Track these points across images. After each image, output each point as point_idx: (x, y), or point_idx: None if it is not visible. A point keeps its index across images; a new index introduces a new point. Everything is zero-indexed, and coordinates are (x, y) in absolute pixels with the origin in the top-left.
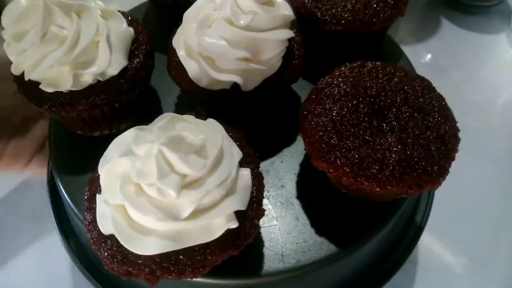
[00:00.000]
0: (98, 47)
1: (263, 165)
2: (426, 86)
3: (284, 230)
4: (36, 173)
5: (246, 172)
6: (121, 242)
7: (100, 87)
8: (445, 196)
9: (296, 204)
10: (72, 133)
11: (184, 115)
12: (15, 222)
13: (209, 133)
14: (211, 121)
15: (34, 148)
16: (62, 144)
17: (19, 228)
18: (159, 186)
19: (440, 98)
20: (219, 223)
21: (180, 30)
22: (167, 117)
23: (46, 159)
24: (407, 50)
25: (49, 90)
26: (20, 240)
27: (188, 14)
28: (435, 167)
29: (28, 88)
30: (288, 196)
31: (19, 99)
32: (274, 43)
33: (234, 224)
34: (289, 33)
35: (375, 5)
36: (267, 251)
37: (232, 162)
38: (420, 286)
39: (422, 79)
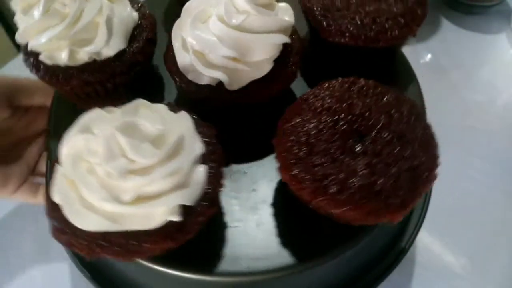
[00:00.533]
0: (98, 27)
1: (242, 167)
2: (414, 113)
3: (246, 234)
4: (26, 199)
5: (201, 169)
6: (65, 214)
7: (95, 66)
8: (445, 196)
9: (264, 210)
10: (72, 107)
11: (157, 104)
12: (16, 222)
13: (172, 125)
14: (181, 114)
15: (25, 173)
16: (62, 117)
17: (19, 228)
18: (105, 167)
19: (427, 128)
20: (160, 213)
21: (178, 22)
22: (135, 103)
23: (37, 186)
24: (407, 50)
25: (48, 62)
26: (20, 239)
27: (188, 7)
28: (398, 200)
29: (31, 58)
30: (257, 201)
31: (9, 123)
32: (265, 46)
33: (175, 218)
34: (282, 38)
35: (384, 22)
36: (224, 251)
37: (189, 157)
38: (419, 286)
39: (413, 104)
